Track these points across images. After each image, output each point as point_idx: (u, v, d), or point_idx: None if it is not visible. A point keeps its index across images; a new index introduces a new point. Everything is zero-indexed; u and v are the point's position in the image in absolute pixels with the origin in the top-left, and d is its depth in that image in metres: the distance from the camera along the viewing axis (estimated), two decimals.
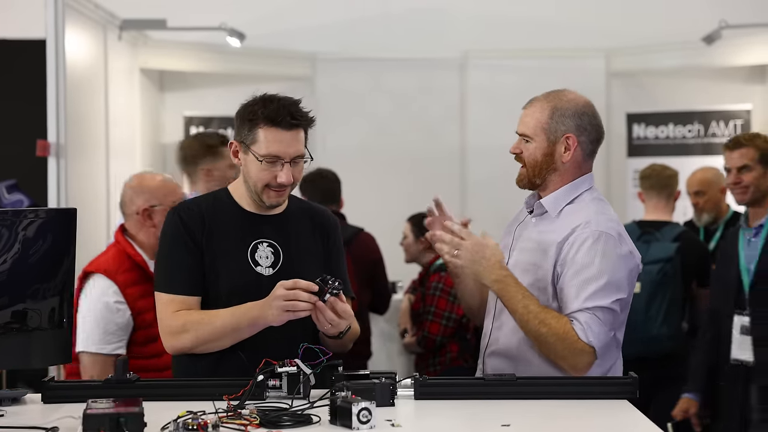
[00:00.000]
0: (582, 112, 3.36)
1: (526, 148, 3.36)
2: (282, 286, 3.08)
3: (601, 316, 3.17)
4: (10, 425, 2.67)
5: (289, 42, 8.76)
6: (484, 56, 8.78)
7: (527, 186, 3.42)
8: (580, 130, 3.34)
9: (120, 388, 3.02)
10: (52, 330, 2.99)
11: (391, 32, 8.80)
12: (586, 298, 3.17)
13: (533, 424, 2.79)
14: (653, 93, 8.85)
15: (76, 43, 6.54)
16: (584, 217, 3.27)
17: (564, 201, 3.35)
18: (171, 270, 3.29)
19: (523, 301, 3.19)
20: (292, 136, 3.24)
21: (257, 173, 3.26)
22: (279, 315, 3.08)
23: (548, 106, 3.35)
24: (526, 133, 3.36)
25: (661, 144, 8.34)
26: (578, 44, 8.66)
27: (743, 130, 8.10)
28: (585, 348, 3.14)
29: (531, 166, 3.36)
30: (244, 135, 3.27)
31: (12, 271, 2.88)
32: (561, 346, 3.15)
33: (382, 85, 8.89)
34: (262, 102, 3.26)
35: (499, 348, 3.39)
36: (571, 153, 3.33)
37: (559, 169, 3.35)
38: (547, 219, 3.38)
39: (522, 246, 3.40)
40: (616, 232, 3.26)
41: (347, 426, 2.65)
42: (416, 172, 8.71)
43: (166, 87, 8.84)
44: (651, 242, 5.51)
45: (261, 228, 3.34)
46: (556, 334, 3.15)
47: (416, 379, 3.08)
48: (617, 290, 3.20)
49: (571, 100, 3.37)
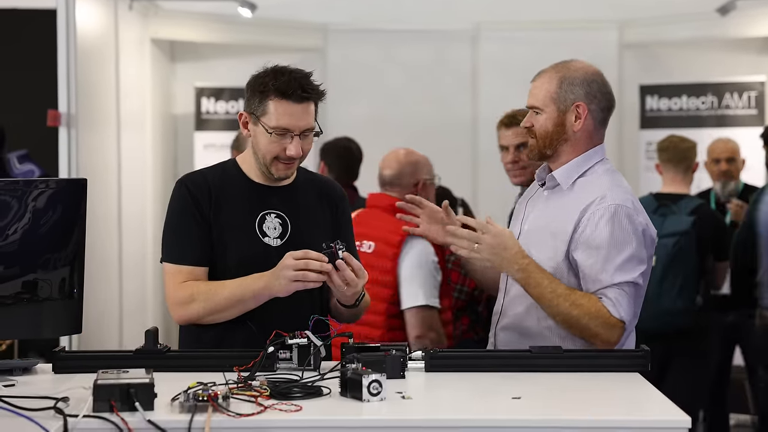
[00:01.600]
0: (591, 80, 3.34)
1: (536, 120, 3.35)
2: (291, 256, 3.07)
3: (628, 291, 3.18)
4: (20, 395, 2.67)
5: (300, 13, 8.72)
6: (496, 28, 8.73)
7: (537, 157, 3.40)
8: (589, 97, 3.33)
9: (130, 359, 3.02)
10: (63, 300, 2.99)
11: (402, 3, 8.75)
12: (612, 274, 3.18)
13: (544, 397, 2.78)
14: (666, 64, 8.80)
15: (87, 13, 6.52)
16: (599, 191, 3.25)
17: (576, 173, 3.33)
18: (178, 241, 3.29)
19: (550, 285, 3.19)
20: (302, 109, 3.22)
21: (266, 145, 3.24)
22: (287, 285, 3.08)
23: (556, 76, 3.33)
24: (535, 105, 3.35)
25: (675, 116, 8.30)
26: (591, 15, 8.60)
27: (757, 102, 8.06)
28: (617, 323, 3.16)
29: (542, 136, 3.34)
30: (254, 106, 3.26)
31: (22, 241, 2.88)
32: (594, 324, 3.16)
33: (394, 57, 8.86)
34: (273, 74, 3.24)
35: (511, 322, 3.38)
36: (582, 121, 3.32)
37: (571, 139, 3.33)
38: (558, 192, 3.36)
39: (534, 220, 3.39)
40: (632, 204, 3.25)
41: (358, 398, 2.65)
42: (428, 144, 8.58)
43: (177, 57, 8.82)
44: (667, 215, 5.48)
45: (269, 199, 3.33)
46: (588, 313, 3.16)
47: (427, 352, 3.08)
48: (639, 262, 3.21)
49: (579, 68, 3.36)
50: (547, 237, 3.29)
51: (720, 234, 5.64)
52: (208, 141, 8.44)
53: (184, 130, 8.68)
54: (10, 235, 2.88)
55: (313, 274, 3.06)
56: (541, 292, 3.20)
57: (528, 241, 3.33)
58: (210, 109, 8.50)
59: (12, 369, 3.04)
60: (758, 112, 8.07)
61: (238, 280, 3.19)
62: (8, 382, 2.91)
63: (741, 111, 8.10)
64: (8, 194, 2.87)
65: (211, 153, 8.10)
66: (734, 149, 6.44)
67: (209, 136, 8.47)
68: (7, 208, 2.86)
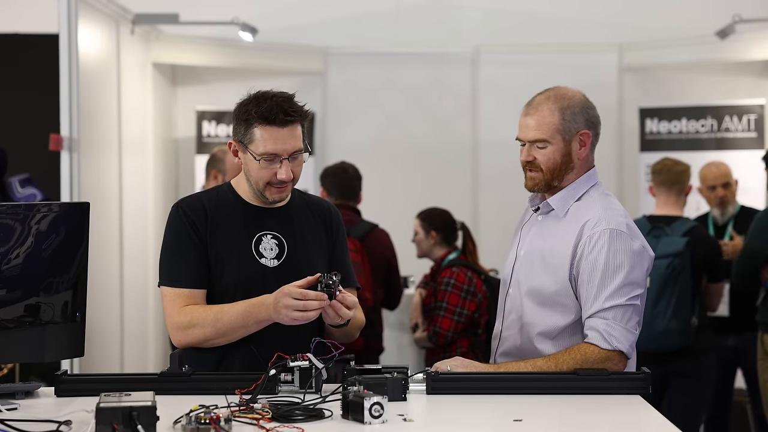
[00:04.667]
0: (588, 107, 3.39)
1: (541, 154, 3.34)
2: (290, 295, 3.08)
3: (620, 316, 3.17)
4: (23, 418, 2.67)
5: (301, 37, 8.75)
6: (496, 51, 8.75)
7: (543, 190, 3.40)
8: (589, 124, 3.37)
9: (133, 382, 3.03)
10: (65, 324, 3.00)
11: (402, 27, 8.78)
12: (605, 299, 3.18)
13: (545, 420, 2.78)
14: (666, 87, 8.82)
15: (89, 38, 6.55)
16: (593, 214, 3.27)
17: (572, 199, 3.36)
18: (176, 264, 3.30)
19: (526, 366, 3.19)
20: (288, 132, 3.24)
21: (257, 172, 3.27)
22: (289, 322, 3.11)
23: (556, 107, 3.34)
24: (541, 138, 3.33)
25: (674, 139, 8.31)
26: (591, 39, 8.63)
27: (757, 125, 8.07)
28: (611, 354, 3.15)
29: (550, 169, 3.34)
30: (241, 135, 3.28)
31: (25, 264, 2.89)
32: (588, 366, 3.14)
33: (394, 80, 8.88)
34: (256, 101, 3.26)
35: (510, 348, 3.40)
36: (587, 148, 3.34)
37: (576, 167, 3.36)
38: (553, 217, 3.38)
39: (530, 245, 3.41)
40: (627, 227, 3.26)
41: (359, 420, 2.65)
42: (428, 167, 8.70)
43: (178, 81, 8.85)
44: (661, 237, 5.49)
45: (265, 220, 3.35)
46: (576, 362, 3.14)
47: (428, 374, 3.08)
48: (635, 287, 3.21)
49: (575, 96, 3.38)
50: (545, 262, 3.30)
51: (713, 255, 5.64)
52: None
53: (185, 154, 8.70)
54: (12, 259, 2.89)
55: (313, 312, 3.08)
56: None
57: (524, 266, 3.35)
58: (211, 132, 8.52)
59: (14, 392, 3.05)
60: (758, 135, 8.08)
61: (239, 308, 3.20)
62: (11, 406, 2.91)
63: (741, 134, 8.11)
64: (11, 218, 2.88)
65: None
66: (727, 173, 6.44)
67: None
68: (9, 231, 2.87)
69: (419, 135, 8.75)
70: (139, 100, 7.77)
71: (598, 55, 8.60)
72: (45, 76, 6.50)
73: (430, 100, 8.83)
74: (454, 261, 6.03)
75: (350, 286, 3.40)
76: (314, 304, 3.07)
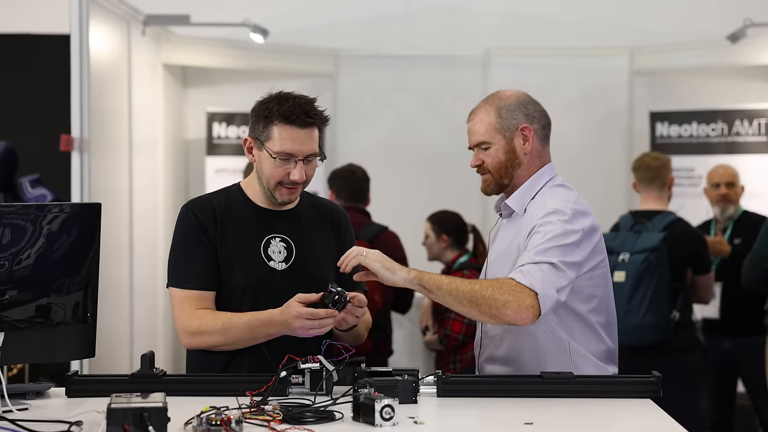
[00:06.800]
0: (525, 102, 3.42)
1: (486, 155, 3.40)
2: (300, 317, 3.07)
3: (547, 269, 3.08)
4: (34, 419, 2.68)
5: (312, 38, 8.75)
6: (507, 54, 8.74)
7: (495, 191, 3.44)
8: (529, 118, 3.40)
9: (144, 382, 3.03)
10: (76, 324, 3.00)
11: (413, 29, 8.78)
12: (536, 254, 3.11)
13: (556, 423, 2.78)
14: (677, 91, 8.80)
15: (100, 39, 6.56)
16: (540, 204, 3.29)
17: (529, 196, 3.37)
18: (185, 266, 3.31)
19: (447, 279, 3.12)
20: (306, 134, 3.25)
21: (270, 170, 3.27)
22: (306, 335, 3.12)
23: (491, 108, 3.41)
24: (482, 141, 3.40)
25: (685, 143, 8.30)
26: (601, 42, 8.62)
27: (767, 129, 8.06)
28: (526, 290, 3.04)
29: (496, 168, 3.39)
30: (258, 132, 3.29)
31: (36, 265, 2.89)
32: (500, 291, 3.04)
33: (405, 82, 8.88)
34: (278, 99, 3.28)
35: (491, 354, 3.39)
36: (530, 142, 3.37)
37: (523, 163, 3.39)
38: (515, 218, 3.40)
39: (497, 248, 3.44)
40: (570, 210, 3.22)
41: (370, 423, 2.65)
42: (438, 170, 8.69)
43: (189, 83, 8.86)
44: (641, 232, 5.51)
45: (273, 223, 3.36)
46: (491, 285, 3.07)
47: (439, 377, 3.08)
48: (565, 252, 3.13)
49: (510, 95, 3.44)
50: (508, 262, 3.29)
51: (699, 248, 5.62)
52: (220, 166, 8.46)
53: (195, 155, 8.71)
54: (24, 260, 2.88)
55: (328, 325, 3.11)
56: (439, 285, 3.11)
57: (495, 270, 3.36)
58: (221, 134, 8.53)
59: (25, 393, 3.06)
60: None
61: (248, 320, 3.20)
62: (22, 406, 2.92)
63: (751, 138, 8.09)
64: (22, 218, 2.88)
65: (223, 178, 8.11)
66: (734, 174, 6.48)
67: (221, 161, 8.49)
68: (21, 232, 2.86)
69: (430, 138, 8.75)
70: (150, 102, 7.79)
71: (609, 59, 8.59)
72: (56, 76, 6.51)
73: (441, 103, 8.82)
74: (464, 264, 6.03)
75: (358, 289, 3.40)
76: (328, 321, 3.09)
